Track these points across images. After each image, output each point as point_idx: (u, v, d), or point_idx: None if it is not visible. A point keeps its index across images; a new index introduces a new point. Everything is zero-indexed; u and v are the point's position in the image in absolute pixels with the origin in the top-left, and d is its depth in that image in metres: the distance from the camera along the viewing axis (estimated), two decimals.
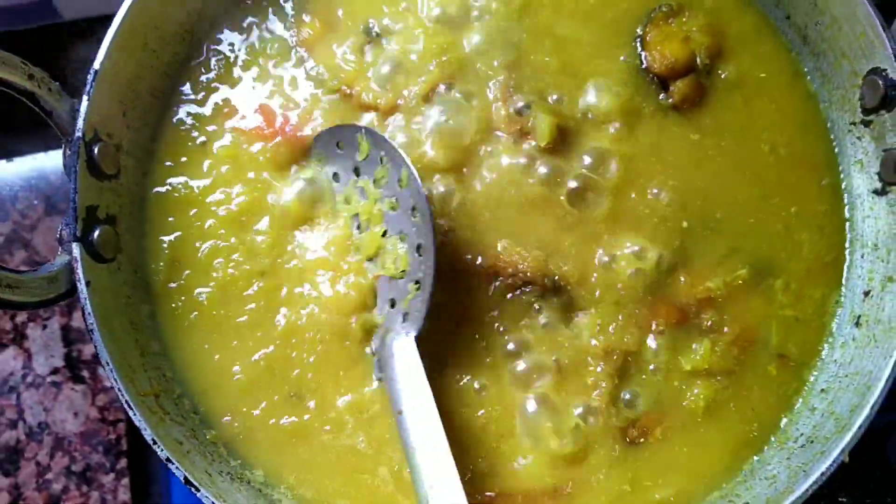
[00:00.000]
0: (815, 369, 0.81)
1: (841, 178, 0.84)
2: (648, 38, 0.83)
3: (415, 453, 0.70)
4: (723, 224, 0.81)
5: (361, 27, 0.85)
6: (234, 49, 0.86)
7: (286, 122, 0.83)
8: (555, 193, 0.80)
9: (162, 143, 0.83)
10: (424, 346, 0.75)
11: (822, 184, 0.84)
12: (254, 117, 0.83)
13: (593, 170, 0.81)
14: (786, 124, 0.84)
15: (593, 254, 0.80)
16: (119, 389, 0.70)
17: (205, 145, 0.83)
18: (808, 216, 0.82)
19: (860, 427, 0.71)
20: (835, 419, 0.76)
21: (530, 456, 0.77)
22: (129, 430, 1.00)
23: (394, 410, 0.73)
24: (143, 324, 0.79)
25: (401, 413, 0.72)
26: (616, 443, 0.77)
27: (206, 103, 0.84)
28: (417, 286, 0.75)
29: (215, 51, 0.85)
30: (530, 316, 0.79)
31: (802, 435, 0.78)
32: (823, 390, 0.79)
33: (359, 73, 0.83)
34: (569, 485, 0.76)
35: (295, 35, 0.85)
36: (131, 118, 0.81)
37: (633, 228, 0.80)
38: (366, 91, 0.82)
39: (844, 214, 0.83)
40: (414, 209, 0.76)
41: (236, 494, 0.73)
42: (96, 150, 0.75)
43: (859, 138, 0.82)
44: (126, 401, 0.70)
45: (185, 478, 0.69)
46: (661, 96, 0.83)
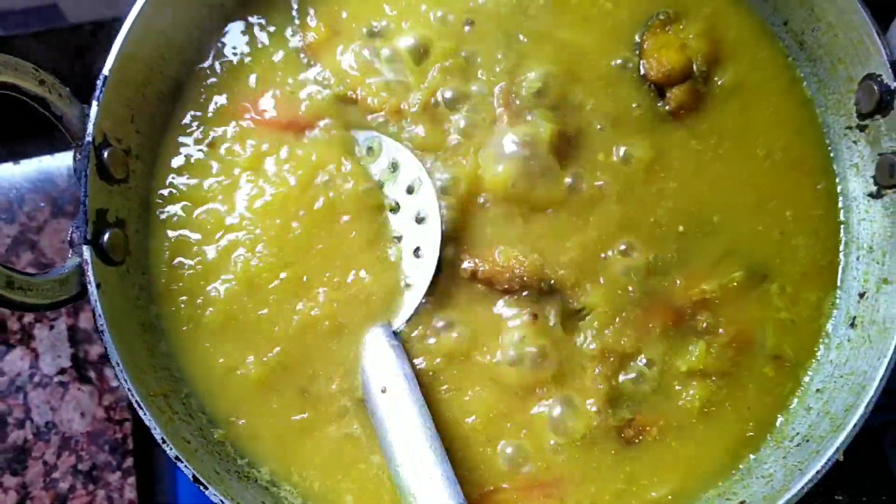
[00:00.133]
0: (810, 370, 0.81)
1: (836, 181, 0.84)
2: (646, 46, 0.83)
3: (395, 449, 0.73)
4: (718, 228, 0.81)
5: (365, 31, 0.85)
6: (239, 53, 0.86)
7: (292, 124, 0.83)
8: (553, 198, 0.81)
9: (169, 147, 0.84)
10: (414, 347, 0.77)
11: (817, 188, 0.84)
12: (259, 120, 0.84)
13: (591, 175, 0.81)
14: (782, 129, 0.84)
15: (590, 257, 0.80)
16: (129, 390, 0.70)
17: (211, 148, 0.84)
18: (804, 220, 0.83)
19: (855, 426, 0.72)
20: (830, 418, 0.76)
21: (529, 456, 0.77)
22: (136, 429, 1.00)
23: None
24: (152, 325, 0.79)
25: (384, 391, 0.75)
26: (612, 442, 0.78)
27: (211, 107, 0.85)
28: (408, 287, 0.78)
29: (221, 55, 0.86)
30: (527, 319, 0.79)
31: (798, 434, 0.78)
32: (819, 390, 0.80)
33: (363, 78, 0.84)
34: (565, 483, 0.77)
35: (301, 39, 0.86)
36: (139, 123, 0.81)
37: (629, 232, 0.81)
38: (371, 95, 0.83)
39: (839, 218, 0.84)
40: (419, 218, 0.78)
41: (244, 492, 0.74)
42: (106, 154, 0.76)
43: (855, 142, 0.82)
44: (136, 401, 0.70)
45: (193, 476, 0.69)
46: (658, 103, 0.83)
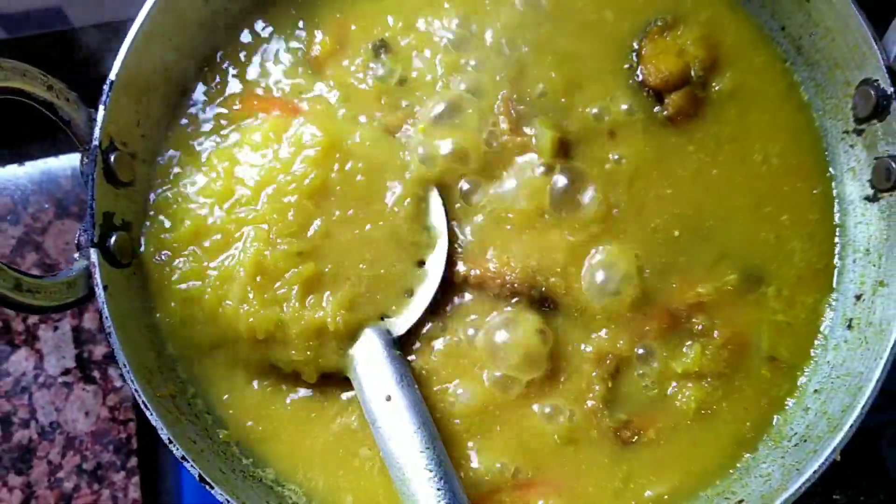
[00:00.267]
0: (807, 371, 0.81)
1: (833, 185, 0.84)
2: (644, 52, 0.84)
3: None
4: (714, 232, 0.82)
5: (370, 45, 0.85)
6: (244, 62, 0.86)
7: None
8: (548, 204, 0.81)
9: (172, 150, 0.84)
10: (407, 348, 0.78)
11: (814, 192, 0.84)
12: (262, 127, 0.83)
13: (587, 181, 0.81)
14: (779, 134, 0.85)
15: (586, 261, 0.80)
16: (136, 391, 0.71)
17: (214, 151, 0.83)
18: (800, 224, 0.83)
19: (852, 426, 0.72)
20: (827, 419, 0.77)
21: (526, 456, 0.78)
22: (140, 429, 1.00)
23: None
24: (157, 326, 0.80)
25: (389, 399, 0.75)
26: (609, 443, 0.78)
27: (216, 111, 0.85)
28: (409, 295, 0.79)
29: (227, 60, 0.86)
30: (524, 323, 0.79)
31: (796, 434, 0.79)
32: (816, 391, 0.80)
33: (368, 90, 0.84)
34: (562, 483, 0.77)
35: (306, 51, 0.86)
36: (145, 127, 0.82)
37: (625, 237, 0.81)
38: (376, 108, 0.84)
39: (835, 222, 0.84)
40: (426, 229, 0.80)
41: (248, 491, 0.74)
42: (112, 158, 0.76)
43: (852, 146, 0.83)
44: (143, 402, 0.70)
45: (199, 475, 0.69)
46: (656, 109, 0.84)
